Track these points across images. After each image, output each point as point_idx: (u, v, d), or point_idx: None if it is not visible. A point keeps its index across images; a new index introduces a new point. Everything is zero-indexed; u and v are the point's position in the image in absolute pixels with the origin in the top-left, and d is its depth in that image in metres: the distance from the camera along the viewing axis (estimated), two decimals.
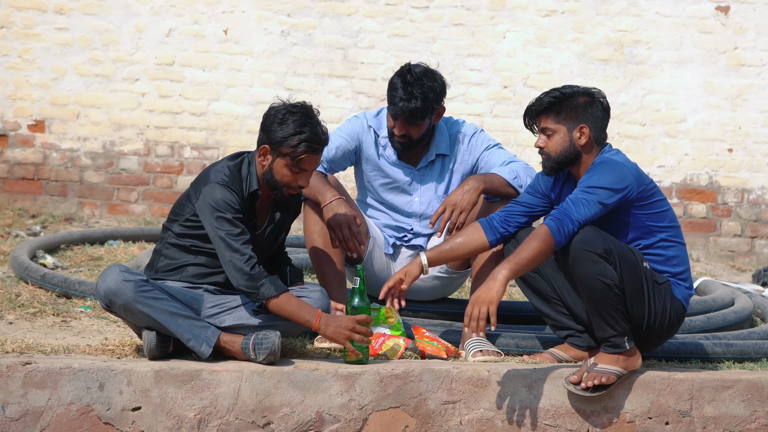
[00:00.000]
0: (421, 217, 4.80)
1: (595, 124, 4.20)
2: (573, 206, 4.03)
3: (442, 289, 4.88)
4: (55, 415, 3.90)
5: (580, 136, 4.18)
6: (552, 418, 4.13)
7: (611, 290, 4.00)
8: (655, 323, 4.13)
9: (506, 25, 7.91)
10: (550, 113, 4.19)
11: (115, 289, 3.96)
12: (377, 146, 4.78)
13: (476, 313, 3.93)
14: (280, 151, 4.09)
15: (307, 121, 4.09)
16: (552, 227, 4.00)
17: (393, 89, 4.61)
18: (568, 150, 4.19)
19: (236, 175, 4.15)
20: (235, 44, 7.91)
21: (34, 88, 7.90)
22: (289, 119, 4.09)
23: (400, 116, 4.59)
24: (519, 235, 4.30)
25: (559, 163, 4.21)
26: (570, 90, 4.22)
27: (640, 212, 4.14)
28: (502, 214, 4.32)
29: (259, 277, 4.02)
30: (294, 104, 4.14)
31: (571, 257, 4.01)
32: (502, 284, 3.93)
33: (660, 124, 7.92)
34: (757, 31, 7.89)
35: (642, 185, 4.13)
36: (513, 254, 4.00)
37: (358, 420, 4.05)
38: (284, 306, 4.03)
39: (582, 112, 4.19)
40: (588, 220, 4.03)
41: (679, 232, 4.23)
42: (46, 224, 7.49)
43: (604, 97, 4.26)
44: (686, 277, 4.22)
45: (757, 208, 7.96)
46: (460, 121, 4.85)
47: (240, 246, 4.03)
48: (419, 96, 4.55)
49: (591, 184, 4.08)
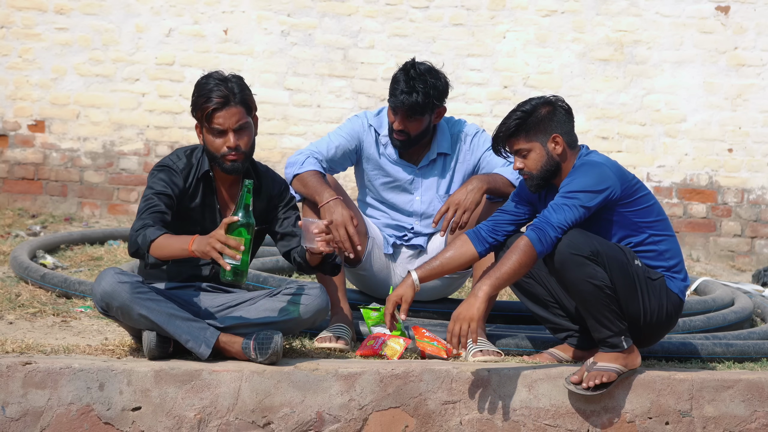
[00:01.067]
0: (422, 216, 4.80)
1: (563, 129, 4.19)
2: (554, 213, 4.02)
3: (442, 289, 4.88)
4: (55, 415, 3.89)
5: (555, 146, 4.17)
6: (552, 418, 4.13)
7: (602, 291, 4.00)
8: (653, 319, 4.13)
9: (506, 25, 7.91)
10: (520, 134, 4.18)
11: (111, 291, 3.95)
12: (378, 145, 4.77)
13: (458, 330, 3.95)
14: (201, 122, 4.10)
15: (207, 82, 4.08)
16: (533, 237, 3.98)
17: (395, 82, 4.61)
18: (548, 163, 4.18)
19: (184, 159, 4.15)
20: (235, 44, 7.92)
21: (34, 88, 7.90)
22: (195, 89, 4.11)
23: (399, 109, 4.59)
24: (509, 242, 4.28)
25: (543, 179, 4.19)
26: (530, 105, 4.19)
27: (626, 210, 4.13)
28: (489, 224, 4.29)
29: (139, 228, 3.94)
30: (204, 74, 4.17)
31: (559, 262, 4.00)
32: (483, 301, 3.94)
33: (660, 124, 7.92)
34: (757, 31, 7.89)
35: (625, 183, 4.11)
36: (494, 269, 3.99)
37: (358, 420, 4.05)
38: (163, 246, 3.88)
39: (549, 123, 4.17)
40: (571, 224, 4.01)
41: (667, 225, 4.22)
42: (46, 224, 7.49)
43: (562, 101, 4.24)
44: (680, 269, 4.21)
45: (757, 208, 7.96)
46: (461, 120, 4.85)
47: (142, 215, 3.98)
48: (420, 90, 4.55)
49: (571, 188, 4.06)
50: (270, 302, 4.12)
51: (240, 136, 4.09)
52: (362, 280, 4.86)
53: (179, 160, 4.15)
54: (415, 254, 4.82)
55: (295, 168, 4.64)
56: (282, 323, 4.09)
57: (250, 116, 4.13)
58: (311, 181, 4.55)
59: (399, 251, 4.83)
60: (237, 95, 4.07)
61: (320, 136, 7.62)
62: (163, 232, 3.90)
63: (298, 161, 4.65)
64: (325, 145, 4.73)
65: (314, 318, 4.15)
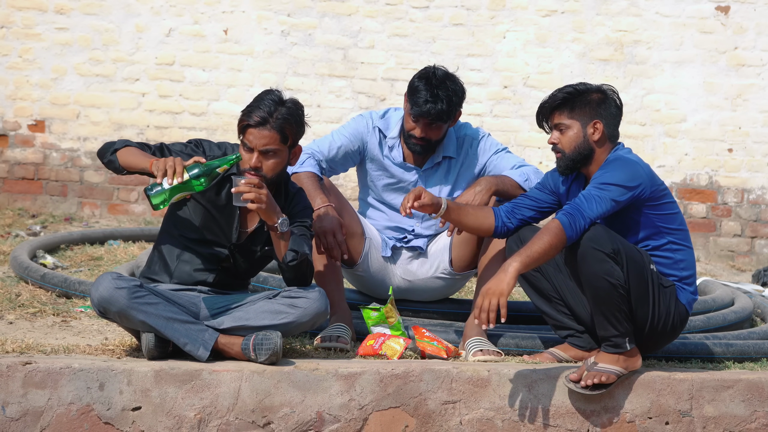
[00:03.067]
0: (423, 218, 4.80)
1: (608, 120, 4.21)
2: (585, 202, 4.03)
3: (444, 290, 4.88)
4: (55, 415, 3.90)
5: (594, 132, 4.19)
6: (552, 418, 4.13)
7: (616, 290, 4.00)
8: (658, 326, 4.13)
9: (506, 25, 7.91)
10: (564, 109, 4.21)
11: (108, 297, 3.95)
12: (382, 147, 4.77)
13: (486, 304, 3.89)
14: (239, 130, 4.13)
15: (263, 97, 4.10)
16: (564, 222, 3.99)
17: (416, 91, 4.58)
18: (582, 146, 4.19)
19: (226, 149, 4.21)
20: (235, 44, 7.92)
21: (34, 88, 7.90)
22: (254, 99, 4.13)
23: (424, 118, 4.58)
24: (521, 233, 4.29)
25: (574, 161, 4.21)
26: (584, 86, 4.24)
27: (651, 212, 4.14)
28: (509, 206, 4.33)
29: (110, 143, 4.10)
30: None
31: (580, 254, 4.01)
32: (513, 276, 3.91)
33: (660, 124, 7.92)
34: (757, 31, 7.89)
35: (654, 185, 4.13)
36: (524, 247, 3.98)
37: (358, 420, 4.06)
38: (131, 152, 4.05)
39: (596, 108, 4.20)
40: (599, 216, 4.03)
41: (687, 236, 4.23)
42: (46, 224, 7.49)
43: (617, 95, 4.26)
44: (692, 282, 4.22)
45: (757, 208, 7.96)
46: (467, 124, 4.84)
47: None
48: (444, 98, 4.55)
49: (604, 180, 4.08)
50: (269, 304, 4.11)
51: (265, 158, 4.09)
52: (360, 280, 4.86)
53: (216, 150, 4.19)
54: (414, 255, 4.82)
55: (294, 166, 4.64)
56: (281, 326, 4.08)
57: (284, 145, 4.10)
58: (306, 183, 4.55)
59: (399, 254, 4.82)
60: (277, 121, 4.06)
61: (320, 136, 7.62)
62: (139, 146, 4.07)
63: (298, 159, 4.65)
64: (327, 145, 4.73)
65: (313, 321, 4.14)
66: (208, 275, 4.20)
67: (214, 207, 4.17)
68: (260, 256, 4.25)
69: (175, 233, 4.20)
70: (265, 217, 4.04)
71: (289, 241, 4.09)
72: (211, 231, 4.18)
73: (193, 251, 4.18)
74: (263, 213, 4.03)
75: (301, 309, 4.10)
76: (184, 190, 3.93)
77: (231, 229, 4.18)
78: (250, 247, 4.22)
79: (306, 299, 4.12)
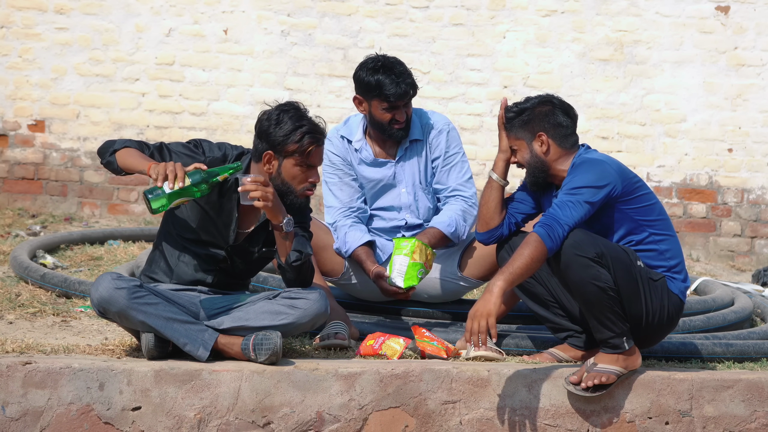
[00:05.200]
0: (410, 208, 4.85)
1: (555, 131, 4.20)
2: (560, 210, 4.02)
3: (451, 294, 4.92)
4: (55, 415, 3.90)
5: (541, 145, 4.20)
6: (552, 418, 4.13)
7: (606, 293, 4.00)
8: (654, 320, 4.13)
9: (506, 25, 7.91)
10: (510, 130, 4.26)
11: (107, 298, 3.95)
12: (353, 152, 4.84)
13: (476, 327, 3.91)
14: (285, 150, 4.08)
15: (303, 115, 4.11)
16: (542, 234, 3.98)
17: (380, 84, 4.68)
18: (534, 162, 4.22)
19: (229, 153, 4.20)
20: (235, 44, 7.92)
21: (34, 87, 7.90)
22: (285, 117, 4.09)
23: (402, 99, 4.69)
24: (512, 241, 4.31)
25: (534, 176, 4.25)
26: (527, 103, 4.26)
27: (627, 207, 4.14)
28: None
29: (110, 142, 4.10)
30: (284, 103, 4.15)
31: (563, 263, 4.01)
32: (498, 296, 3.92)
33: (660, 124, 7.92)
34: (757, 31, 7.89)
35: (626, 180, 4.13)
36: (506, 265, 3.99)
37: (358, 420, 4.06)
38: (129, 154, 4.04)
39: (539, 122, 4.21)
40: (577, 221, 4.02)
41: (668, 224, 4.23)
42: (46, 224, 7.49)
43: (564, 102, 4.27)
44: (681, 269, 4.21)
45: (757, 208, 7.96)
46: (432, 112, 4.96)
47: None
48: (405, 72, 4.71)
49: (574, 185, 4.07)
50: (269, 305, 4.11)
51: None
52: (350, 290, 4.92)
53: (218, 158, 4.17)
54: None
55: (341, 245, 4.81)
56: (281, 327, 4.08)
57: None
58: (360, 257, 4.76)
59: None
60: (323, 131, 4.15)
61: None
62: (137, 147, 4.05)
63: (338, 238, 4.81)
64: (338, 198, 4.84)
65: (313, 322, 4.15)
66: (207, 276, 4.20)
67: (212, 208, 4.17)
68: (258, 258, 4.25)
69: (174, 233, 4.20)
70: (271, 215, 4.04)
71: (293, 242, 4.09)
72: (207, 232, 4.18)
73: (191, 252, 4.18)
74: (269, 211, 4.03)
75: (301, 310, 4.10)
76: (184, 195, 3.93)
77: (228, 230, 4.17)
78: (248, 249, 4.21)
79: (306, 300, 4.12)
